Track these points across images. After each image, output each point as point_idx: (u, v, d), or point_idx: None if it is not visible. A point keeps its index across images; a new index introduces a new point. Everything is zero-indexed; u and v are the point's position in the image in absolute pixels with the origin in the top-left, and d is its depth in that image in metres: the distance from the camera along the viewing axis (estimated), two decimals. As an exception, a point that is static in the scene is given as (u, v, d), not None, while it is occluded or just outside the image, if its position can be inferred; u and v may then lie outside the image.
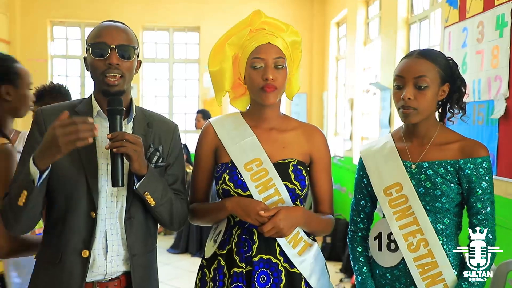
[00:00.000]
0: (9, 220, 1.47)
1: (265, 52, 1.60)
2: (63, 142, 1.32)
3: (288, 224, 1.56)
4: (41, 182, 1.39)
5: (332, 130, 7.34)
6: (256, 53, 1.61)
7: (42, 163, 1.37)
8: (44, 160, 1.37)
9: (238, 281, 1.59)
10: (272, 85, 1.59)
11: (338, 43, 7.35)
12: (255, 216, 1.54)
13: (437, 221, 1.63)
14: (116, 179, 1.46)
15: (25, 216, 1.45)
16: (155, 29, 7.75)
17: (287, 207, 1.59)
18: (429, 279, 1.61)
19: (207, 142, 1.73)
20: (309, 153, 1.71)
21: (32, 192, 1.39)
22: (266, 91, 1.59)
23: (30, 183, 1.38)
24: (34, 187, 1.38)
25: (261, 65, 1.60)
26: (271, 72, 1.59)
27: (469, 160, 1.60)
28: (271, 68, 1.59)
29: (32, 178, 1.37)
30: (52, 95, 2.80)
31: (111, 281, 1.57)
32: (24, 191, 1.39)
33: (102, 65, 1.51)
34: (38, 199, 1.43)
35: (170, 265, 5.38)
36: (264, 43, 1.61)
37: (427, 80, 1.59)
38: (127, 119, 1.61)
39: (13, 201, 1.42)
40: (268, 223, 1.54)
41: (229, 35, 1.70)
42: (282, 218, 1.54)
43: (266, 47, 1.61)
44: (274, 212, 1.55)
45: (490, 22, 2.91)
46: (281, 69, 1.61)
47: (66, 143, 1.33)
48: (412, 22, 4.64)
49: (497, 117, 2.80)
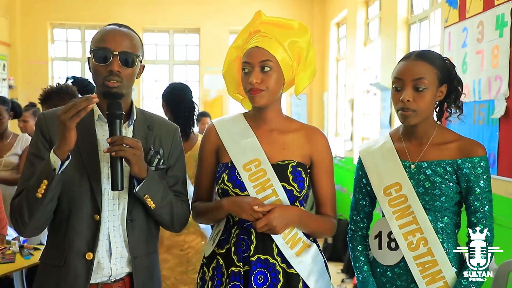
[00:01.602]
0: (23, 217, 1.48)
1: (251, 56, 1.62)
2: (66, 118, 1.38)
3: (281, 222, 1.56)
4: (61, 170, 1.43)
5: (333, 131, 7.35)
6: (245, 57, 1.64)
7: (60, 152, 1.41)
8: (61, 149, 1.41)
9: (236, 281, 1.60)
10: (257, 89, 1.60)
11: (338, 43, 7.35)
12: (250, 212, 1.55)
13: (437, 220, 1.64)
14: (115, 183, 1.47)
15: (42, 211, 1.46)
16: (155, 30, 7.76)
17: (282, 205, 1.60)
18: (429, 277, 1.62)
19: (209, 142, 1.75)
20: (310, 155, 1.71)
21: (53, 180, 1.42)
22: (252, 94, 1.62)
23: (51, 171, 1.41)
24: (55, 175, 1.42)
25: (249, 69, 1.62)
26: (255, 76, 1.60)
27: (467, 160, 1.61)
28: (256, 72, 1.61)
29: (53, 166, 1.41)
30: (60, 96, 2.82)
31: (115, 283, 1.58)
32: (44, 181, 1.42)
33: (103, 71, 1.52)
34: (56, 191, 1.46)
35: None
36: (252, 47, 1.63)
37: (426, 82, 1.60)
38: (128, 123, 1.62)
39: (31, 194, 1.44)
40: (262, 219, 1.54)
41: (237, 38, 1.73)
42: (277, 216, 1.55)
43: (253, 51, 1.62)
44: (269, 209, 1.56)
45: (490, 22, 2.91)
46: (268, 71, 1.61)
47: (69, 119, 1.38)
48: (412, 22, 4.65)
49: (497, 117, 2.81)
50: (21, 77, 7.20)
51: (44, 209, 1.47)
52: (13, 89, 6.99)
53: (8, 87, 6.85)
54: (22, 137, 3.84)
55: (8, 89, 6.87)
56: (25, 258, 2.75)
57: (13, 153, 3.74)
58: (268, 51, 1.61)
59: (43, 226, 1.54)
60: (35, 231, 1.55)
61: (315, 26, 7.68)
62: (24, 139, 3.82)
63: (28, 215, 1.47)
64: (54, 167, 1.41)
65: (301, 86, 1.74)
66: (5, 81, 6.77)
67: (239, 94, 1.78)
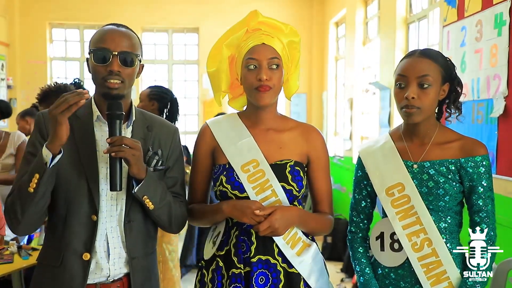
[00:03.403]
0: (16, 214, 1.47)
1: (259, 52, 1.60)
2: (57, 113, 1.38)
3: (283, 223, 1.56)
4: (53, 164, 1.42)
5: (332, 130, 7.35)
6: (250, 54, 1.61)
7: (51, 146, 1.41)
8: (53, 143, 1.41)
9: (237, 282, 1.59)
10: (267, 86, 1.59)
11: (337, 43, 7.35)
12: (251, 215, 1.54)
13: (440, 220, 1.63)
14: (114, 183, 1.47)
15: (33, 207, 1.45)
16: (154, 30, 7.75)
17: (282, 207, 1.59)
18: (434, 278, 1.61)
19: (205, 143, 1.73)
20: (306, 153, 1.71)
21: (44, 174, 1.41)
22: (260, 91, 1.60)
23: (42, 165, 1.41)
24: (46, 169, 1.41)
25: (256, 65, 1.60)
26: (265, 73, 1.59)
27: (469, 159, 1.61)
28: (265, 69, 1.59)
29: (45, 160, 1.41)
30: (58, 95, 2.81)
31: (113, 283, 1.58)
32: (36, 174, 1.41)
33: (103, 71, 1.52)
34: (48, 186, 1.45)
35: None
36: (259, 43, 1.61)
37: (430, 79, 1.59)
38: (127, 123, 1.61)
39: (23, 189, 1.44)
40: (264, 222, 1.54)
41: (226, 36, 1.70)
42: (278, 217, 1.55)
43: (260, 48, 1.61)
44: (270, 211, 1.55)
45: (488, 20, 2.91)
46: (275, 69, 1.61)
47: (60, 113, 1.38)
48: (411, 21, 4.65)
49: (496, 116, 2.81)
50: (20, 77, 7.19)
51: (36, 205, 1.46)
52: (11, 89, 6.98)
53: (6, 87, 6.84)
54: (14, 135, 3.84)
55: (7, 89, 6.86)
56: (23, 259, 2.75)
57: (8, 154, 3.75)
58: (275, 49, 1.61)
59: (37, 223, 1.53)
60: (28, 228, 1.54)
61: (314, 25, 7.68)
62: (16, 136, 3.83)
63: (20, 211, 1.46)
64: (45, 161, 1.41)
65: (294, 88, 1.75)
66: (4, 81, 6.76)
67: (229, 93, 1.76)
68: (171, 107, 3.23)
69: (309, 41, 7.58)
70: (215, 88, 1.74)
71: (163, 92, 3.24)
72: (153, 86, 3.28)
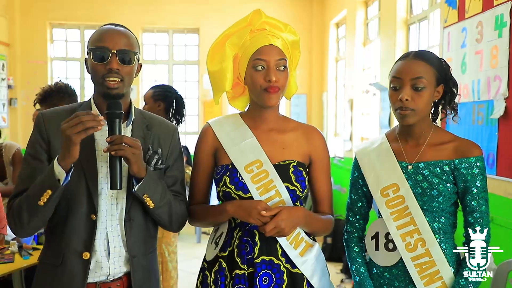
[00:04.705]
0: (22, 221, 1.49)
1: (267, 53, 1.60)
2: (72, 133, 1.38)
3: (289, 224, 1.56)
4: (66, 182, 1.44)
5: (332, 131, 7.34)
6: (258, 54, 1.60)
7: (63, 163, 1.42)
8: (65, 160, 1.42)
9: (240, 283, 1.59)
10: (276, 87, 1.59)
11: (337, 43, 7.35)
12: (257, 216, 1.53)
13: (434, 220, 1.65)
14: (114, 182, 1.47)
15: (40, 217, 1.48)
16: (155, 30, 7.76)
17: (288, 207, 1.59)
18: (427, 278, 1.62)
19: (207, 143, 1.73)
20: (308, 153, 1.71)
21: (57, 191, 1.43)
22: (270, 92, 1.59)
23: (55, 182, 1.42)
24: (59, 187, 1.43)
25: (264, 66, 1.60)
26: (274, 74, 1.59)
27: (463, 160, 1.62)
28: (273, 70, 1.59)
29: (57, 177, 1.42)
30: (59, 96, 2.82)
31: (113, 282, 1.59)
32: (48, 191, 1.43)
33: (102, 69, 1.53)
34: (57, 199, 1.47)
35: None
36: (266, 44, 1.61)
37: (424, 81, 1.61)
38: (126, 122, 1.62)
39: (32, 201, 1.45)
40: (270, 223, 1.53)
41: (228, 34, 1.68)
42: (284, 218, 1.54)
43: (268, 49, 1.60)
44: (276, 212, 1.55)
45: (489, 22, 2.91)
46: (283, 70, 1.62)
47: (75, 134, 1.38)
48: (411, 22, 4.65)
49: (496, 117, 2.81)
50: (20, 77, 7.19)
51: (43, 215, 1.49)
52: (12, 89, 6.98)
53: (7, 87, 6.84)
54: (3, 148, 3.86)
55: (7, 89, 6.86)
56: (24, 258, 2.75)
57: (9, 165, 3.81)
58: (282, 50, 1.62)
59: (40, 228, 1.56)
60: (30, 233, 1.57)
61: (315, 26, 7.68)
62: (7, 148, 3.84)
63: (27, 220, 1.48)
64: (58, 178, 1.42)
65: (294, 88, 1.76)
66: (4, 81, 6.76)
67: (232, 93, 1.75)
68: (177, 104, 3.23)
69: (309, 42, 7.58)
70: (216, 87, 1.73)
71: (167, 90, 3.23)
72: (155, 86, 3.26)
